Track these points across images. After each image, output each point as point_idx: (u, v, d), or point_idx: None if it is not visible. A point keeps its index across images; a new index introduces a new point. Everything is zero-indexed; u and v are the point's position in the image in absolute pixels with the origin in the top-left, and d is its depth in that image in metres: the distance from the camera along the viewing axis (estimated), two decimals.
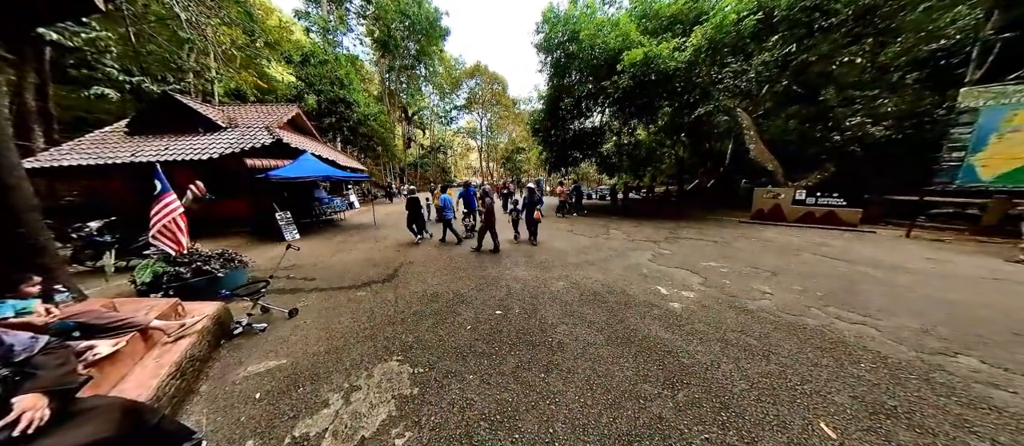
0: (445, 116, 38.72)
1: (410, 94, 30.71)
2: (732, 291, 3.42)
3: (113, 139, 8.47)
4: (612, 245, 5.91)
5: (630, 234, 7.18)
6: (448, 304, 3.18)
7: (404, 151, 32.84)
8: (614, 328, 2.59)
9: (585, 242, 6.23)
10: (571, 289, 3.50)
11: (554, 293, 3.38)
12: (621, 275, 3.99)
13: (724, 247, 5.68)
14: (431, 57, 29.70)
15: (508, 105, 39.17)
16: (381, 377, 2.05)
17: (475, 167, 48.07)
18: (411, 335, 2.57)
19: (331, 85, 17.30)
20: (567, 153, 13.91)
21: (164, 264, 3.37)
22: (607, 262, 4.64)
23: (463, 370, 2.09)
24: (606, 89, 9.51)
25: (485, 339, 2.48)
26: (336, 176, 8.77)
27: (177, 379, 1.90)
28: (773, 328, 2.58)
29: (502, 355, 2.25)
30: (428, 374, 2.05)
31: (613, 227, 8.19)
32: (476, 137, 42.59)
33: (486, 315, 2.89)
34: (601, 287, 3.54)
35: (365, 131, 19.28)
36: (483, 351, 2.31)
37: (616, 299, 3.20)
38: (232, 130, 8.76)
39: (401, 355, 2.29)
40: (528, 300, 3.21)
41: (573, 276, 3.96)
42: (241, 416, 1.76)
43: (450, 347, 2.38)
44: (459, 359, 2.21)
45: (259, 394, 1.94)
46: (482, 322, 2.76)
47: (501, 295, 3.36)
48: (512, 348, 2.33)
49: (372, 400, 1.84)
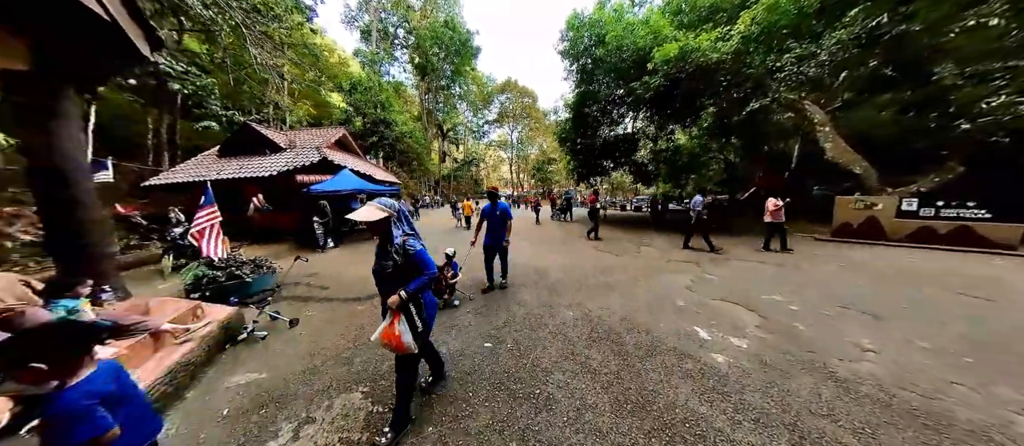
0: (478, 131, 40.64)
1: (446, 112, 32.88)
2: (808, 341, 2.46)
3: (208, 161, 10.33)
4: (641, 265, 5.08)
5: (665, 252, 6.18)
6: (439, 329, 2.85)
7: (439, 165, 35.07)
8: (626, 385, 1.95)
9: (610, 261, 5.47)
10: (581, 321, 2.91)
11: (559, 325, 2.83)
12: (647, 306, 3.25)
13: (792, 273, 4.46)
14: (464, 76, 31.61)
15: (538, 117, 39.56)
16: (338, 411, 1.82)
17: (506, 178, 49.07)
18: (388, 362, 2.30)
19: (374, 108, 19.28)
20: (596, 162, 13.08)
21: (206, 268, 3.73)
22: (632, 287, 3.89)
23: (424, 419, 1.72)
24: (635, 90, 8.66)
25: (463, 378, 2.09)
26: (368, 189, 9.46)
27: (165, 385, 1.93)
28: (885, 414, 1.65)
29: (475, 404, 1.83)
30: (386, 416, 1.73)
31: (646, 243, 7.21)
32: (507, 150, 43.63)
33: (474, 347, 2.49)
34: (619, 322, 2.88)
35: (402, 148, 20.96)
36: (455, 395, 1.92)
37: (636, 341, 2.52)
38: (289, 151, 10.05)
39: (369, 386, 2.03)
40: (526, 332, 2.72)
41: (587, 304, 3.34)
42: (202, 432, 1.70)
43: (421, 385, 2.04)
44: (425, 403, 1.86)
45: (227, 410, 1.87)
46: (466, 355, 2.37)
47: (498, 322, 2.93)
48: (490, 396, 1.90)
49: (318, 441, 1.60)
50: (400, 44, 29.36)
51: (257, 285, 3.85)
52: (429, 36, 26.34)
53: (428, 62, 27.18)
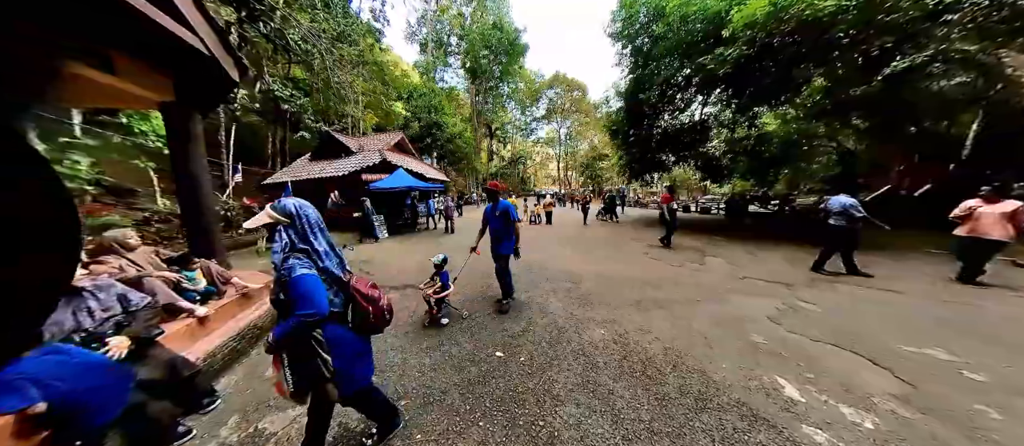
0: (525, 128, 40.79)
1: (494, 112, 33.89)
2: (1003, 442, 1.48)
3: (302, 164, 12.81)
4: (706, 281, 4.09)
5: (739, 264, 4.92)
6: (451, 328, 2.76)
7: (487, 163, 36.44)
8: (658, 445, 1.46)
9: (663, 272, 4.61)
10: (613, 344, 2.43)
11: (584, 345, 2.41)
12: (706, 337, 2.52)
13: (968, 313, 2.94)
14: (513, 75, 32.01)
15: (588, 110, 37.40)
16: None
17: (554, 176, 47.92)
18: (398, 356, 2.31)
19: (428, 112, 20.96)
20: (653, 156, 11.46)
21: None
22: (689, 309, 3.12)
23: (417, 423, 1.64)
24: (706, 67, 7.09)
25: (466, 387, 1.93)
26: (418, 186, 10.37)
27: (235, 342, 2.38)
28: None
29: (470, 420, 1.64)
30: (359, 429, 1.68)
31: (715, 252, 5.90)
32: (555, 146, 42.62)
33: (485, 353, 2.30)
34: (661, 353, 2.29)
35: (452, 148, 22.33)
36: (454, 404, 1.77)
37: (683, 383, 1.93)
38: (358, 154, 11.65)
39: (377, 377, 2.03)
40: (544, 346, 2.40)
41: (624, 323, 2.79)
42: (250, 387, 2.02)
43: (421, 386, 1.96)
44: (422, 405, 1.77)
45: (269, 371, 2.12)
46: (475, 362, 2.20)
47: (516, 329, 2.68)
48: (487, 415, 1.68)
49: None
50: (453, 51, 31.30)
51: None
52: (478, 40, 27.31)
53: (478, 65, 28.28)
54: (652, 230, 9.62)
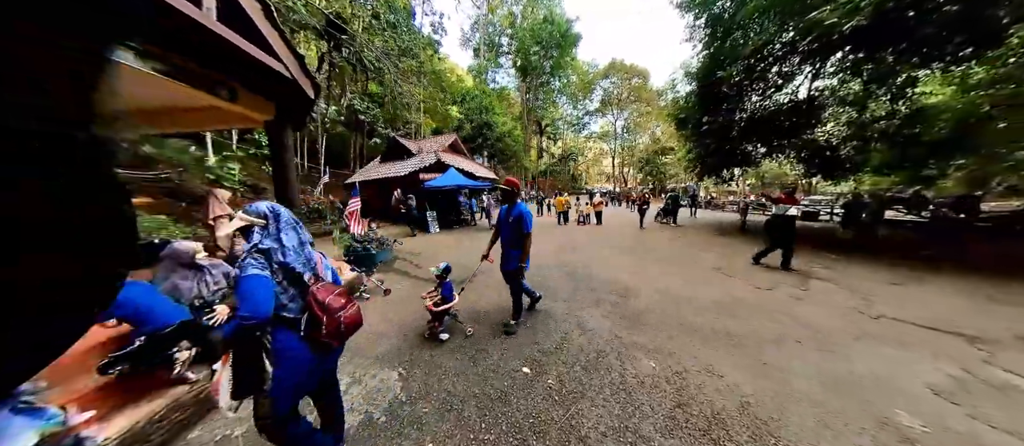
0: (577, 123, 39.05)
1: (544, 108, 33.38)
2: None
3: (373, 166, 14.87)
4: (808, 314, 3.02)
5: (871, 296, 3.53)
6: (481, 333, 2.66)
7: (536, 161, 36.24)
8: None
9: (741, 291, 3.68)
10: (663, 383, 1.93)
11: (626, 378, 1.99)
12: (812, 399, 1.80)
13: None
14: (564, 68, 31.02)
15: (650, 99, 33.50)
16: (375, 385, 2.00)
17: (608, 173, 44.70)
18: (427, 352, 2.31)
19: (479, 113, 21.84)
20: (733, 148, 9.43)
21: (352, 240, 5.29)
22: (780, 350, 2.33)
23: (430, 430, 1.60)
24: (821, 23, 5.19)
25: (486, 401, 1.80)
26: (468, 184, 10.95)
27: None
28: None
29: (477, 443, 1.51)
30: (405, 406, 1.77)
31: (824, 275, 4.44)
32: (609, 141, 39.65)
33: (510, 367, 2.13)
34: (735, 408, 1.70)
35: (501, 146, 22.84)
36: (468, 419, 1.66)
37: None
38: (417, 155, 12.88)
39: (405, 369, 2.08)
40: (578, 371, 2.09)
41: (681, 356, 2.23)
42: None
43: (442, 390, 1.92)
44: (439, 411, 1.72)
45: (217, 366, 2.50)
46: (497, 375, 2.05)
47: (548, 344, 2.43)
48: (502, 439, 1.53)
49: (354, 404, 1.83)
50: (504, 51, 31.90)
51: (379, 257, 5.08)
52: (529, 37, 27.19)
53: (528, 62, 28.19)
54: (726, 238, 7.95)
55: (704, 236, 8.20)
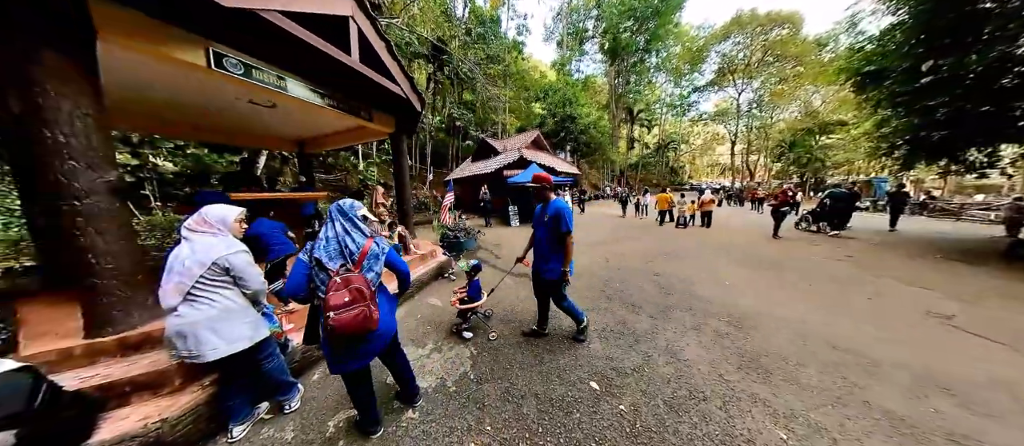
0: (680, 103, 31.94)
1: (637, 92, 29.09)
2: None
3: (466, 165, 17.01)
4: None
5: None
6: (557, 329, 2.53)
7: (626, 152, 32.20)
8: None
9: (999, 366, 2.12)
10: None
11: (734, 437, 1.50)
12: None
13: None
14: (663, 39, 25.96)
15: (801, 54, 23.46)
16: (453, 355, 2.29)
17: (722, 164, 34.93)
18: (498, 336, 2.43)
19: (562, 106, 21.20)
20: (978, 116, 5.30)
21: (445, 229, 6.29)
22: None
23: (490, 410, 1.70)
24: None
25: (547, 405, 1.73)
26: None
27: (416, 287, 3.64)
28: None
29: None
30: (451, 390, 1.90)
31: None
32: (727, 122, 30.15)
33: (578, 376, 1.96)
34: None
35: (586, 139, 21.53)
36: (526, 417, 1.65)
37: None
38: (502, 153, 13.86)
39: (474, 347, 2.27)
40: (659, 404, 1.72)
41: (827, 427, 1.52)
42: (405, 327, 2.74)
43: (502, 379, 1.97)
44: (501, 399, 1.78)
45: (419, 315, 3.03)
46: (561, 381, 1.93)
47: (625, 362, 2.11)
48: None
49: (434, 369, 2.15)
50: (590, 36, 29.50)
51: (466, 245, 5.85)
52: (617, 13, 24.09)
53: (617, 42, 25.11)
54: (956, 266, 4.75)
55: (901, 259, 5.03)
